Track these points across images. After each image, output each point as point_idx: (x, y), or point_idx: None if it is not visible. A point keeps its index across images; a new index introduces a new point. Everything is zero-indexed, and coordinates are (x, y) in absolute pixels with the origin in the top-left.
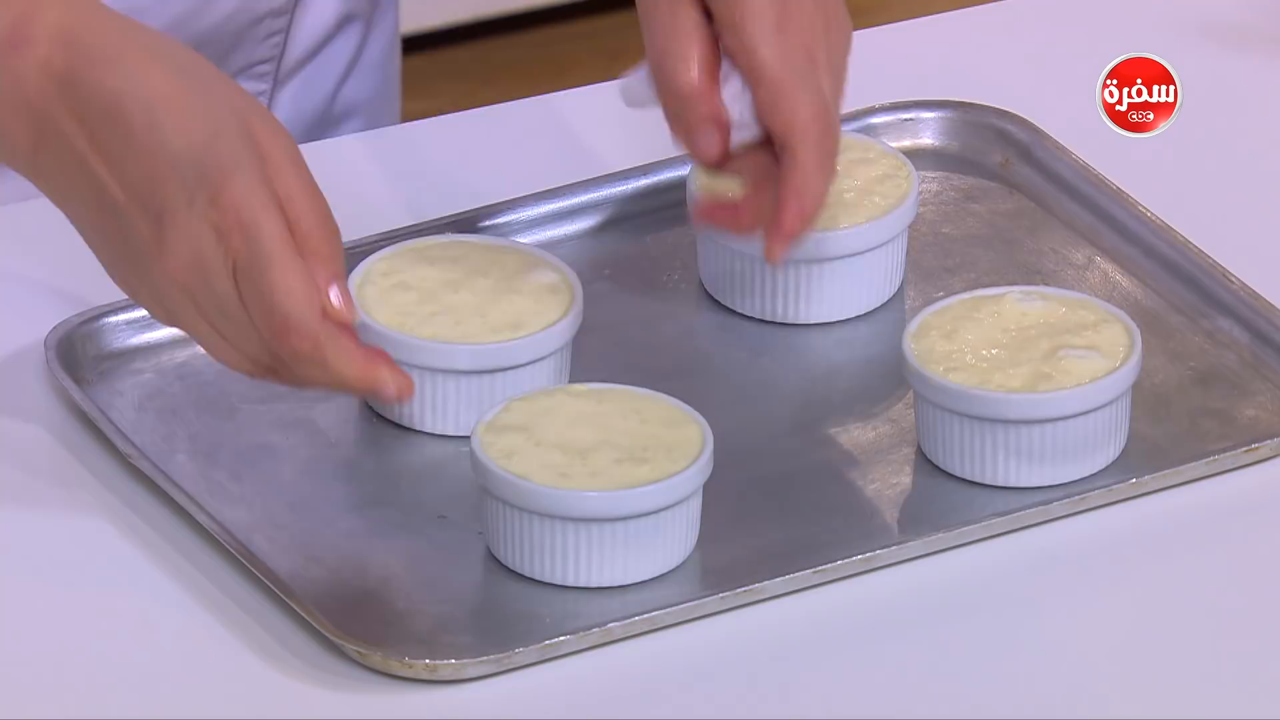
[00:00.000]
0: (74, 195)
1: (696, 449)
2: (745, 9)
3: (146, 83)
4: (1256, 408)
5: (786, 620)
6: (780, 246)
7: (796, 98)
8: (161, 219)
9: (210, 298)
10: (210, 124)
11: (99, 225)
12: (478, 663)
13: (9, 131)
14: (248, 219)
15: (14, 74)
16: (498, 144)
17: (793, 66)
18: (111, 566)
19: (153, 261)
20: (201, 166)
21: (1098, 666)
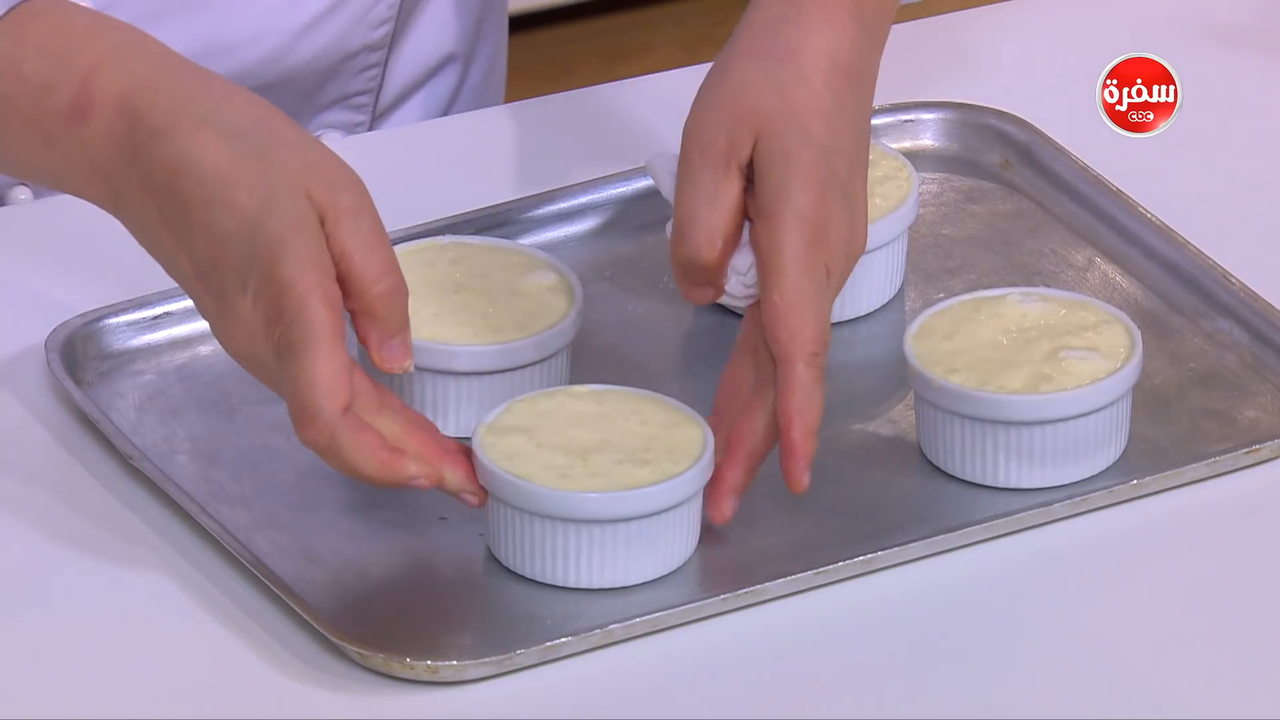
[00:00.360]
0: (157, 257)
1: (698, 450)
2: (786, 213)
3: (198, 155)
4: (1257, 409)
5: (788, 621)
6: (803, 473)
7: (805, 317)
8: (222, 298)
9: (264, 379)
10: (260, 197)
11: (179, 278)
12: (479, 664)
13: (92, 196)
14: (290, 305)
15: (82, 145)
16: (498, 145)
17: (811, 284)
18: (112, 568)
19: (219, 335)
20: (252, 249)
21: (1099, 667)
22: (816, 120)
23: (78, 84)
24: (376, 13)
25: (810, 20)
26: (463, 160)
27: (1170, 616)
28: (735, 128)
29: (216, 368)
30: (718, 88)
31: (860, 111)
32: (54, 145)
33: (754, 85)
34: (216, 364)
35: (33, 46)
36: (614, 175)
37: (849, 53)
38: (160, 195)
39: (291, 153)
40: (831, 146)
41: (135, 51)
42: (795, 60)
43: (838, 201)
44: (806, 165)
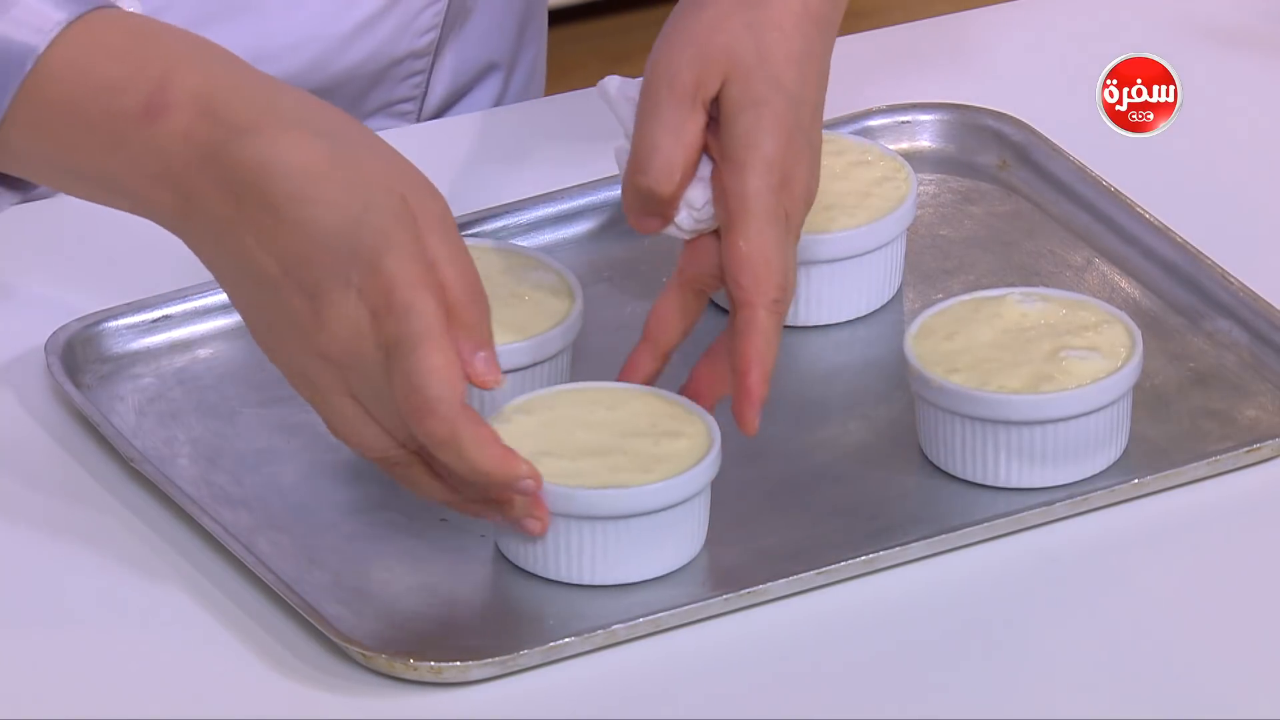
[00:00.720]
0: (224, 263)
1: (705, 446)
2: (754, 161)
3: (289, 153)
4: (1257, 408)
5: (790, 621)
6: (756, 416)
7: (771, 263)
8: (317, 296)
9: (362, 377)
10: (360, 197)
11: (250, 294)
12: (482, 665)
13: (155, 201)
14: (401, 298)
15: (154, 144)
16: (499, 146)
17: (775, 231)
18: (113, 570)
19: (307, 336)
20: (354, 244)
21: (1101, 667)
22: (787, 67)
23: (153, 83)
24: (423, 20)
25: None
26: (463, 161)
27: (1171, 616)
28: (705, 65)
29: (216, 371)
30: (689, 22)
31: (825, 59)
32: (121, 146)
33: (726, 23)
34: (216, 367)
35: (101, 50)
36: (614, 176)
37: (820, 1)
38: (243, 193)
39: (379, 156)
40: (799, 95)
41: (208, 54)
42: (769, 3)
43: (803, 150)
44: (776, 113)
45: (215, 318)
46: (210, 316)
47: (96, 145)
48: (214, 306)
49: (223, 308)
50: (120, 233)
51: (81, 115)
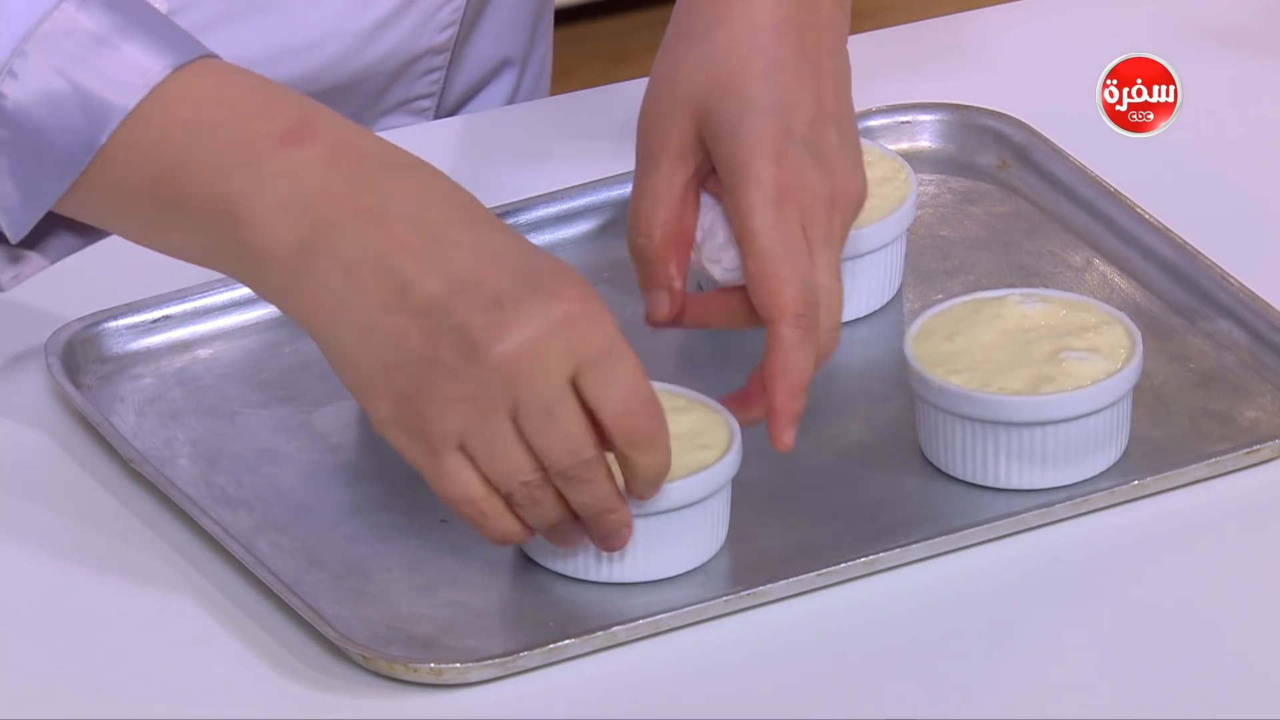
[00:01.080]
0: (354, 304)
1: (725, 443)
2: (743, 182)
3: (446, 190)
4: (1257, 409)
5: (791, 623)
6: (784, 431)
7: (782, 278)
8: (503, 304)
9: (537, 387)
10: (515, 231)
11: (386, 331)
12: (482, 666)
13: (273, 229)
14: (594, 309)
15: (290, 167)
16: (500, 146)
17: (782, 245)
18: (113, 570)
19: (478, 352)
20: (532, 262)
21: (1102, 667)
22: (753, 82)
23: (297, 115)
24: (442, 16)
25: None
26: (464, 161)
27: (1172, 617)
28: (672, 118)
29: (216, 372)
30: (653, 80)
31: (808, 61)
32: (252, 165)
33: (681, 68)
34: (216, 368)
35: (239, 85)
36: (614, 177)
37: (775, 8)
38: (399, 220)
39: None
40: (777, 104)
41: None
42: (717, 31)
43: (800, 158)
44: (753, 130)
45: (215, 318)
46: (210, 317)
47: (221, 165)
48: (214, 307)
49: (223, 308)
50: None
51: (210, 136)
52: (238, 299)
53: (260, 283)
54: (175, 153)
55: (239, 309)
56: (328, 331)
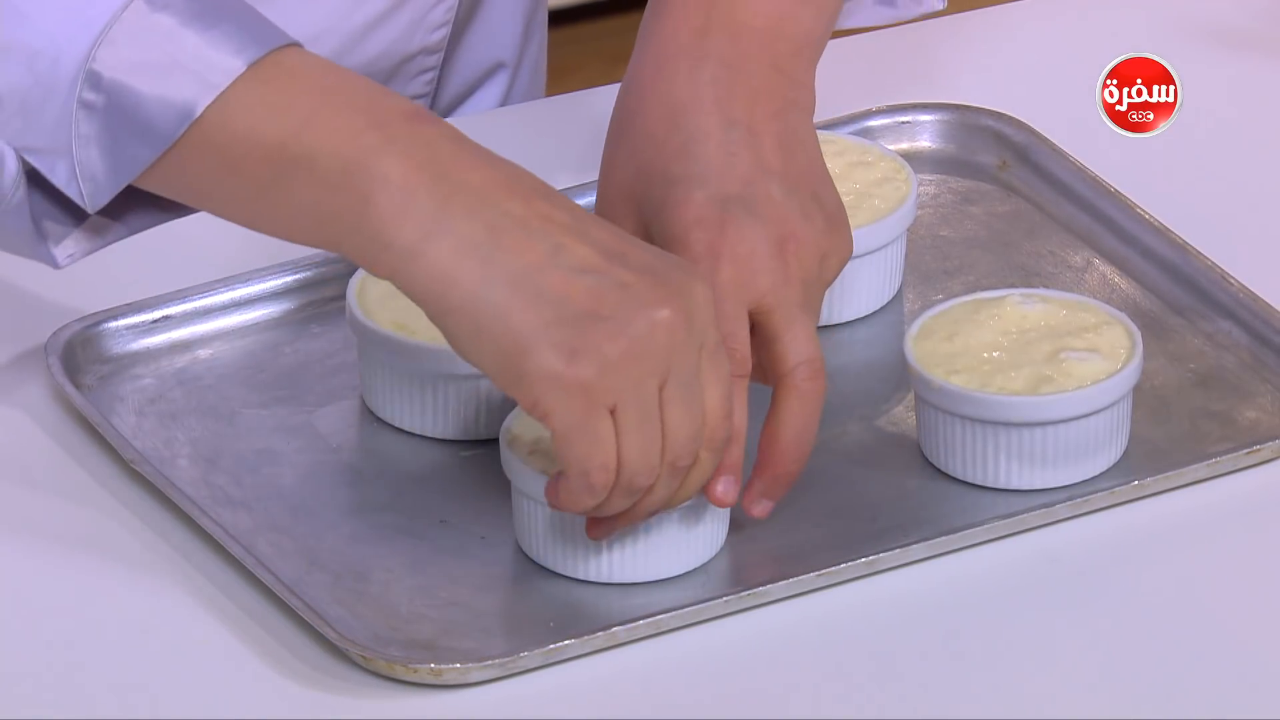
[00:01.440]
0: (503, 263)
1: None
2: (677, 248)
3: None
4: (1257, 410)
5: (790, 623)
6: (759, 492)
7: (786, 339)
8: (654, 270)
9: (687, 355)
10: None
11: (542, 288)
12: (482, 666)
13: (409, 187)
14: (710, 297)
15: (424, 138)
16: (500, 147)
17: (725, 308)
18: (113, 571)
19: (635, 312)
20: (677, 260)
21: (1102, 668)
22: (673, 162)
23: (409, 105)
24: (435, 15)
25: (642, 72)
26: None
27: (1172, 617)
28: (611, 216)
29: (216, 371)
30: (598, 179)
31: (736, 127)
32: (385, 128)
33: (613, 165)
34: (216, 368)
35: (345, 71)
36: None
37: (690, 86)
38: (533, 192)
39: None
40: (700, 174)
41: None
42: (637, 120)
43: (735, 217)
44: (678, 203)
45: (215, 318)
46: (211, 317)
47: (353, 127)
48: (214, 307)
49: (223, 308)
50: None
51: (339, 98)
52: (238, 299)
53: (382, 248)
54: (300, 115)
55: (239, 309)
56: (472, 291)
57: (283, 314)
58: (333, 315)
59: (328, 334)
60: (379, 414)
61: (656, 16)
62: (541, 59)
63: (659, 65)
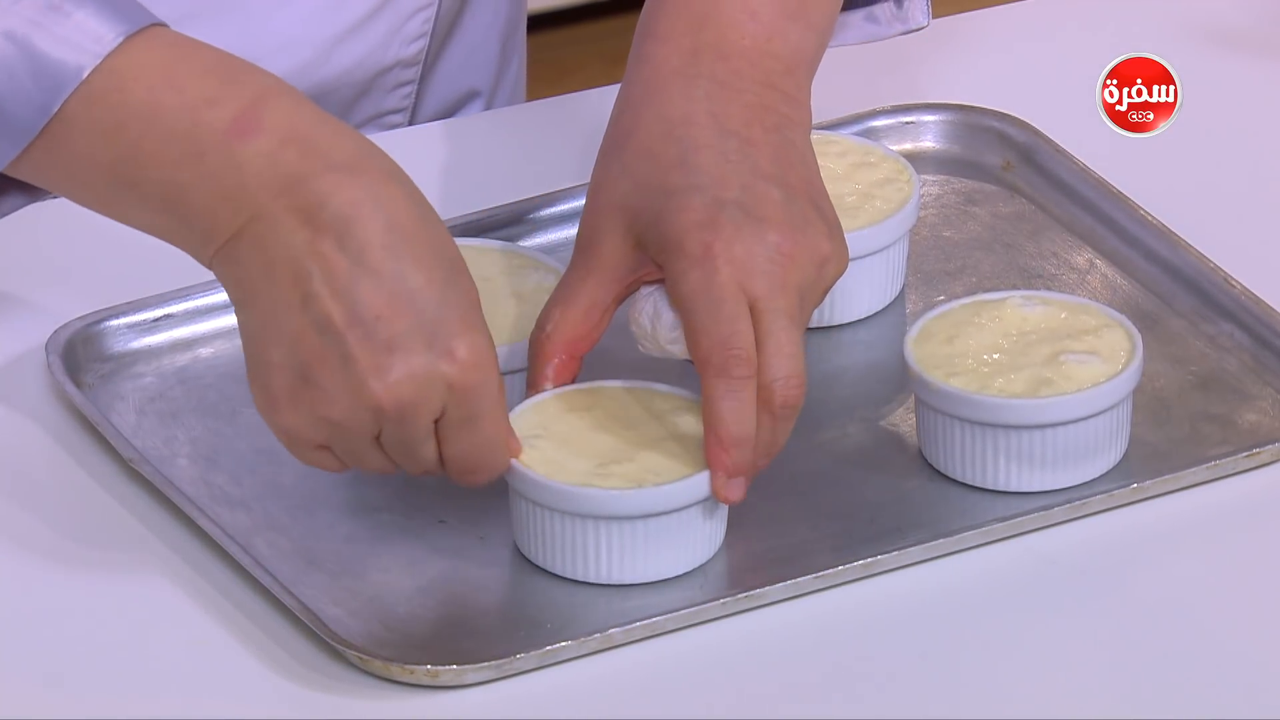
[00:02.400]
0: (266, 294)
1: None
2: (674, 250)
3: (389, 204)
4: (1258, 412)
5: (787, 625)
6: (722, 486)
7: (697, 329)
8: (393, 350)
9: (403, 430)
10: (445, 266)
11: (283, 330)
12: (478, 668)
13: (214, 218)
14: (477, 379)
15: (235, 161)
16: (499, 147)
17: (707, 298)
18: (112, 570)
19: (356, 386)
20: (441, 313)
21: (1100, 670)
22: (671, 172)
23: (245, 102)
24: (412, 26)
25: (635, 93)
26: (463, 162)
27: (1171, 620)
28: (602, 229)
29: (217, 370)
30: (587, 195)
31: (732, 137)
32: (199, 160)
33: (606, 179)
34: (217, 366)
35: (193, 62)
36: None
37: (685, 102)
38: (327, 229)
39: (450, 241)
40: (698, 182)
41: (296, 92)
42: (633, 137)
43: (732, 219)
44: (677, 209)
45: (216, 317)
46: (211, 316)
47: (171, 156)
48: (214, 306)
49: (224, 307)
50: (121, 232)
51: (165, 123)
52: None
53: (203, 260)
54: (128, 141)
55: None
56: (242, 310)
57: None
58: None
59: None
60: None
61: (646, 41)
62: (520, 82)
63: (652, 87)
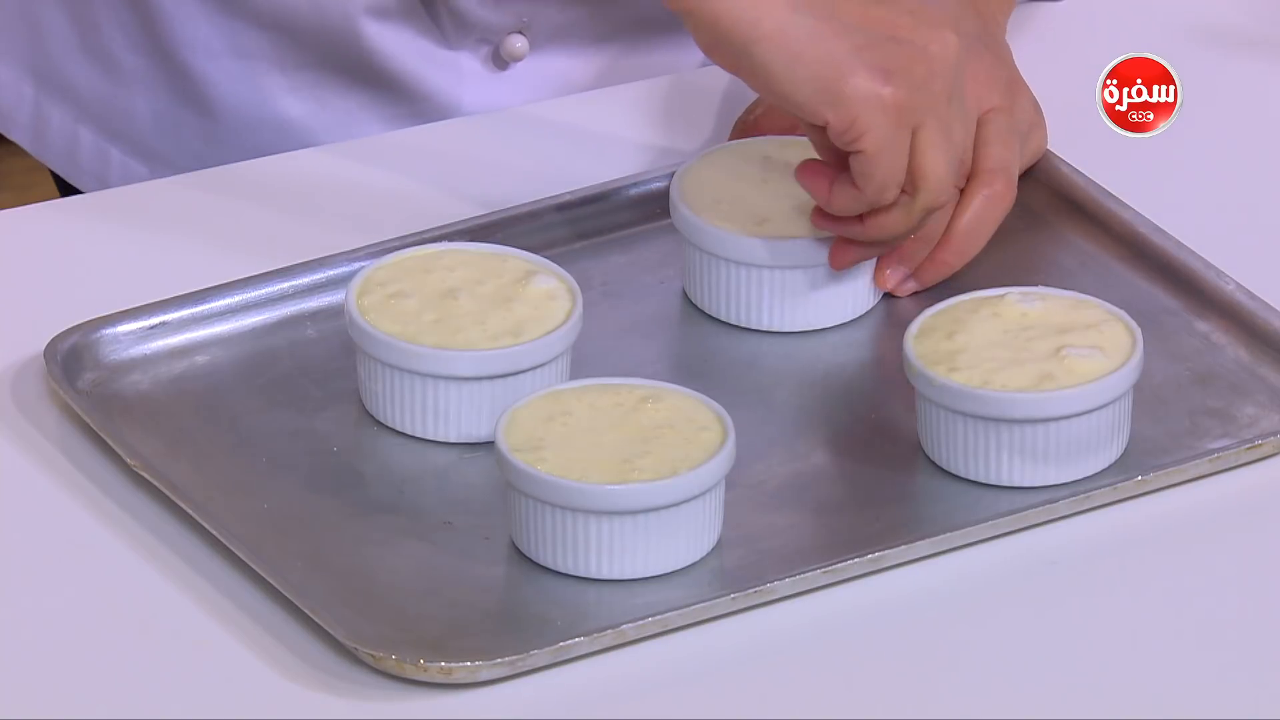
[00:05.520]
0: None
1: (718, 441)
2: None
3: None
4: (1255, 406)
5: (797, 620)
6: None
7: (995, 145)
8: (926, 2)
9: (959, 71)
10: None
11: (843, 14)
12: (492, 665)
13: None
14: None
15: None
16: (499, 150)
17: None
18: (117, 577)
19: (925, 34)
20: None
21: (1107, 665)
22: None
23: None
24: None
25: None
26: (463, 165)
27: (1175, 614)
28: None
29: (216, 376)
30: None
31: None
32: None
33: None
34: (216, 373)
35: None
36: (612, 181)
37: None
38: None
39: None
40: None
41: None
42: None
43: (979, 50)
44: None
45: (213, 324)
46: (208, 323)
47: None
48: (211, 313)
49: (220, 314)
50: (119, 239)
51: None
52: (234, 305)
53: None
54: None
55: (236, 315)
56: (785, 19)
57: (278, 320)
58: (328, 321)
59: (325, 340)
60: (379, 418)
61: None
62: None
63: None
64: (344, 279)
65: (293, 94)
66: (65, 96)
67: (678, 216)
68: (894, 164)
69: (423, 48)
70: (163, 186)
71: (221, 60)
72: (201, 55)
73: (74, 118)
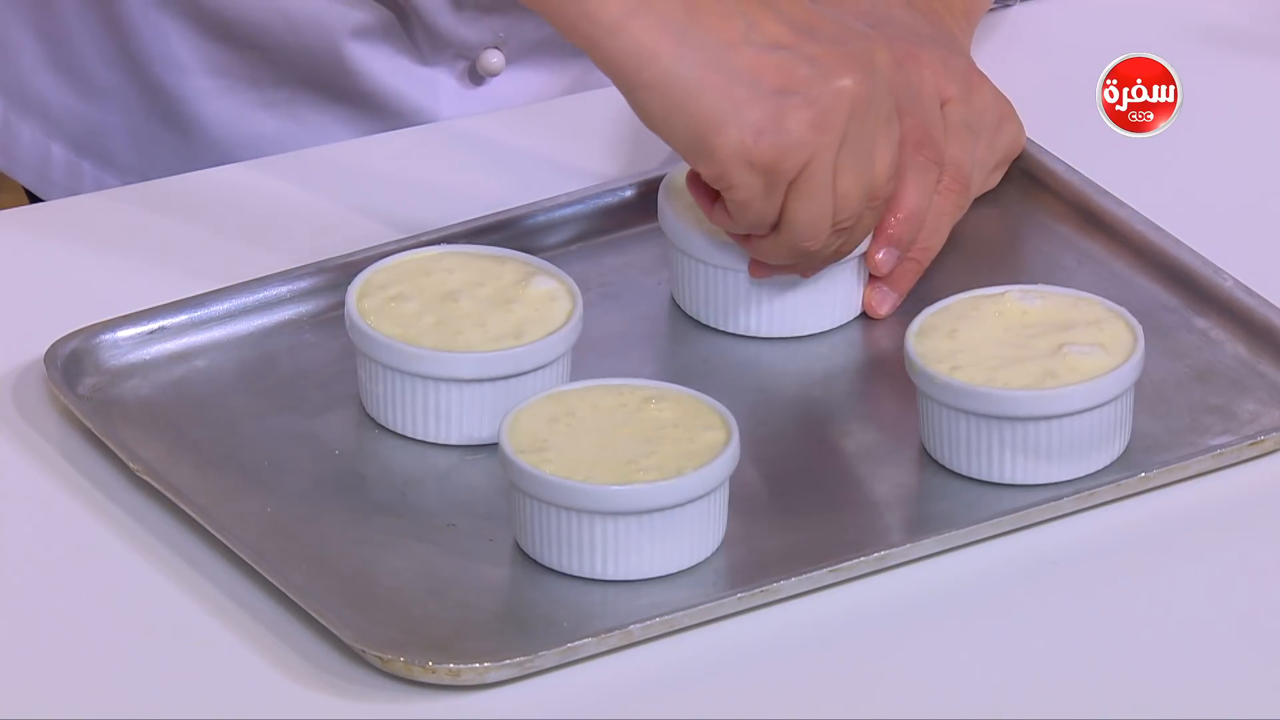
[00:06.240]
0: (695, 35)
1: (721, 442)
2: None
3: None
4: (1256, 402)
5: (803, 620)
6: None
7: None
8: (843, 41)
9: (863, 115)
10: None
11: (725, 64)
12: (500, 666)
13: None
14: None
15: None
16: (498, 152)
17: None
18: (120, 581)
19: (835, 77)
20: (855, 24)
21: (1111, 661)
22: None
23: None
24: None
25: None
26: (462, 167)
27: (1180, 610)
28: None
29: (216, 381)
30: None
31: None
32: None
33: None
34: (216, 377)
35: None
36: (610, 183)
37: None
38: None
39: None
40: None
41: None
42: None
43: (930, 47)
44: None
45: (212, 329)
46: (208, 328)
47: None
48: (211, 317)
49: (220, 318)
50: (119, 245)
51: None
52: (234, 309)
53: (585, 19)
54: None
55: (235, 319)
56: (667, 68)
57: (278, 324)
58: (328, 325)
59: (324, 343)
60: (380, 421)
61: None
62: None
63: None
64: (343, 282)
65: (268, 110)
66: (35, 113)
67: (665, 222)
68: (761, 212)
69: (399, 64)
70: (162, 189)
71: (196, 77)
72: (175, 72)
73: (45, 133)
